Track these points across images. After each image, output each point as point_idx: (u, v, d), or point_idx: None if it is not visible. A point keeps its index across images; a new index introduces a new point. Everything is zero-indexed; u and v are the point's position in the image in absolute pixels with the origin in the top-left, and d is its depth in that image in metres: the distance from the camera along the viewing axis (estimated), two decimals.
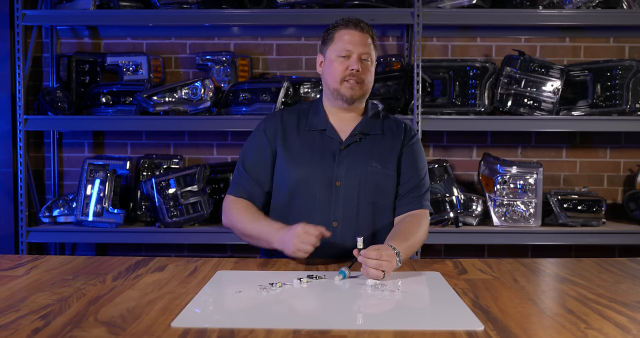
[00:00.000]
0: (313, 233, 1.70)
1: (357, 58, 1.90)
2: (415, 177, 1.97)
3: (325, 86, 1.97)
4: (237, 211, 1.94)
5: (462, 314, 1.30)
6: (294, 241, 1.71)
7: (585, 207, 3.14)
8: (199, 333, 1.16)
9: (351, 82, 1.90)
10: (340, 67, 1.91)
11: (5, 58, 3.29)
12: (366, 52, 1.92)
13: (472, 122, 3.14)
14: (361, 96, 1.95)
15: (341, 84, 1.91)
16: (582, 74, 3.24)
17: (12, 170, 3.29)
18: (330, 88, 1.94)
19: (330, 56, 1.94)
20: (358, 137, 1.96)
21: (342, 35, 1.92)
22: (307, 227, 1.71)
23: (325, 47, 1.97)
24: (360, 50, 1.91)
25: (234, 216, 1.94)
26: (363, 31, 1.93)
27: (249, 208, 1.94)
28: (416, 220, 1.89)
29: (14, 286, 1.52)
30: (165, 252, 3.45)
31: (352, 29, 1.92)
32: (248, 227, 1.90)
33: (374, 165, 1.93)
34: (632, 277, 1.67)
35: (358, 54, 1.90)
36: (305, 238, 1.70)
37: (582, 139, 3.45)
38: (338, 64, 1.91)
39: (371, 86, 1.98)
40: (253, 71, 3.45)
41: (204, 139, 3.47)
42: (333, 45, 1.93)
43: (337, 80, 1.92)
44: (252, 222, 1.89)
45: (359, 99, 1.95)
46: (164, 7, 3.21)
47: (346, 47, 1.90)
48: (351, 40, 1.91)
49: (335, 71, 1.92)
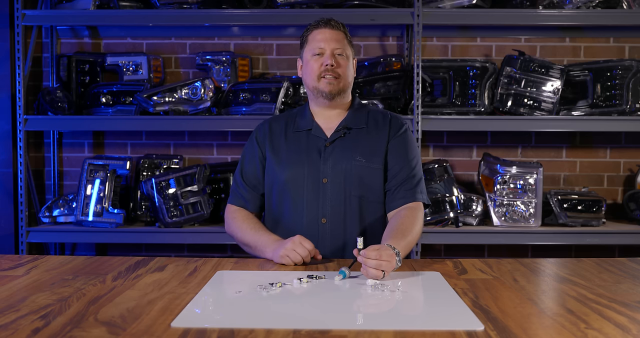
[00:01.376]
0: (307, 248, 1.75)
1: (330, 54, 1.94)
2: (406, 168, 1.97)
3: (306, 87, 2.02)
4: (236, 221, 2.00)
5: (462, 314, 1.30)
6: (288, 245, 1.76)
7: (585, 207, 3.14)
8: (199, 333, 1.16)
9: (328, 77, 1.94)
10: (316, 65, 1.95)
11: (5, 58, 3.29)
12: (339, 47, 1.96)
13: (472, 122, 3.14)
14: (340, 90, 1.97)
15: (319, 81, 1.95)
16: (582, 74, 3.24)
17: (12, 170, 3.29)
18: (310, 87, 1.99)
19: (307, 57, 1.99)
20: (342, 132, 1.99)
21: (315, 35, 1.98)
22: (305, 241, 1.77)
23: (302, 51, 2.02)
24: (333, 46, 1.95)
25: (235, 226, 2.00)
26: (334, 28, 1.98)
27: (247, 219, 2.00)
28: (411, 214, 1.89)
29: (14, 286, 1.52)
30: (165, 252, 3.45)
31: (323, 27, 1.98)
32: (246, 237, 1.96)
33: (359, 159, 1.96)
34: (632, 277, 1.67)
35: (331, 49, 1.95)
36: (299, 248, 1.75)
37: (582, 139, 3.45)
38: (313, 62, 1.96)
39: (351, 80, 2.00)
40: (253, 71, 3.45)
41: (204, 139, 3.47)
42: (307, 46, 1.99)
43: (314, 78, 1.96)
44: (249, 233, 1.95)
45: (338, 94, 1.97)
46: (164, 7, 3.21)
47: (319, 45, 1.95)
48: (323, 37, 1.96)
49: (311, 69, 1.96)
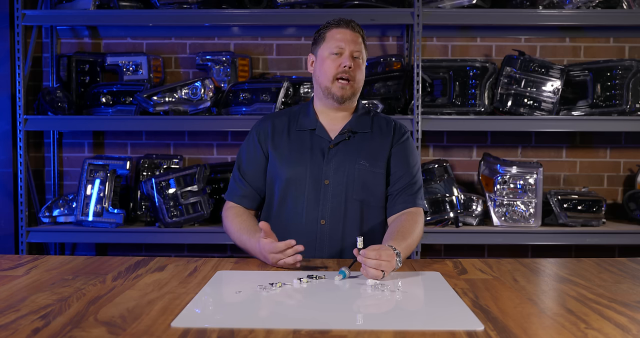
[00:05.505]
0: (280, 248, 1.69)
1: (349, 55, 1.93)
2: (407, 174, 1.97)
3: (317, 85, 2.00)
4: (229, 219, 1.98)
5: (462, 314, 1.30)
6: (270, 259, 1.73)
7: (585, 207, 3.14)
8: (199, 333, 1.16)
9: (342, 81, 1.93)
10: (333, 65, 1.94)
11: (5, 58, 3.29)
12: (358, 49, 1.95)
13: (472, 122, 3.14)
14: (351, 95, 1.97)
15: (333, 83, 1.94)
16: (582, 74, 3.24)
17: (12, 170, 3.29)
18: (322, 86, 1.97)
19: (323, 54, 1.96)
20: (347, 135, 1.98)
21: (335, 34, 1.96)
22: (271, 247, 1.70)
23: (317, 47, 2.00)
24: (352, 47, 1.94)
25: (228, 223, 1.99)
26: (354, 30, 1.97)
27: (236, 217, 1.97)
28: (412, 218, 1.89)
29: (14, 286, 1.52)
30: (165, 252, 3.45)
31: (344, 27, 1.96)
32: (234, 238, 1.95)
33: (362, 163, 1.95)
34: (632, 277, 1.67)
35: (350, 51, 1.94)
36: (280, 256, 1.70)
37: (582, 139, 3.45)
38: (330, 61, 1.94)
39: (361, 85, 2.00)
40: (253, 71, 3.45)
41: (204, 139, 3.47)
42: (325, 43, 1.97)
43: (329, 79, 1.94)
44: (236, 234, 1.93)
45: (349, 98, 1.97)
46: (164, 7, 3.21)
47: (339, 45, 1.94)
48: (343, 38, 1.95)
49: (327, 69, 1.94)
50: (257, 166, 2.02)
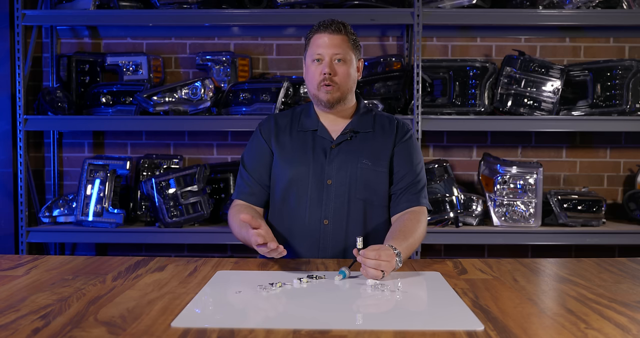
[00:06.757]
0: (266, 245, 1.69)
1: (328, 61, 1.90)
2: (411, 173, 1.96)
3: (308, 91, 2.00)
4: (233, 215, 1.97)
5: (462, 314, 1.30)
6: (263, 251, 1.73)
7: (585, 207, 3.14)
8: (199, 333, 1.16)
9: (326, 87, 1.91)
10: (316, 72, 1.92)
11: (5, 58, 3.29)
12: (337, 53, 1.91)
13: (472, 122, 3.14)
14: (339, 98, 1.94)
15: (318, 89, 1.93)
16: (582, 74, 3.24)
17: (12, 170, 3.29)
18: (311, 93, 1.97)
19: (307, 61, 1.97)
20: (349, 135, 1.97)
21: (316, 39, 1.94)
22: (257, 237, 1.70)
23: (305, 52, 2.00)
24: (331, 52, 1.90)
25: (231, 219, 1.98)
26: (334, 33, 1.92)
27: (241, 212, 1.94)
28: (415, 218, 1.88)
29: (14, 286, 1.52)
30: (165, 252, 3.45)
31: (323, 32, 1.93)
32: (236, 231, 1.94)
33: (365, 162, 1.94)
34: (632, 277, 1.67)
35: (329, 56, 1.90)
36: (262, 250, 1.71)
37: (582, 139, 3.45)
38: (313, 69, 1.93)
39: (350, 86, 1.95)
40: (253, 71, 3.46)
41: (204, 139, 3.47)
42: (309, 49, 1.96)
43: (314, 86, 1.93)
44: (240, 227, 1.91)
45: (337, 102, 1.94)
46: (164, 7, 3.21)
47: (317, 51, 1.92)
48: (322, 43, 1.92)
49: (311, 77, 1.94)
50: (264, 162, 2.00)
